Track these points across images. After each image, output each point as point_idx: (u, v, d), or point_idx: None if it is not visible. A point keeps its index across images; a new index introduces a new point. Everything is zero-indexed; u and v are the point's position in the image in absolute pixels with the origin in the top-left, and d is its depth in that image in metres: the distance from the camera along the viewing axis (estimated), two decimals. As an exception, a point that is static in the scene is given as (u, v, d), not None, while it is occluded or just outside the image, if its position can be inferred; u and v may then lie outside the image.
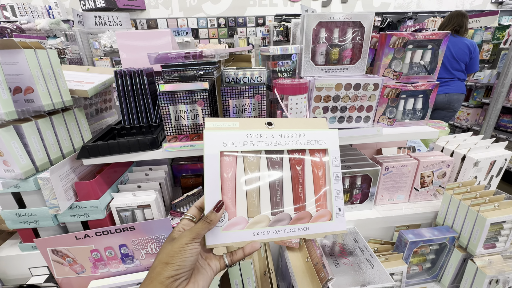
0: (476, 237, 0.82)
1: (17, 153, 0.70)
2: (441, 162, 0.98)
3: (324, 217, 0.49)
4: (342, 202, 0.50)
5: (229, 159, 0.47)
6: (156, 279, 0.36)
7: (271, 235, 0.45)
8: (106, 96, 1.19)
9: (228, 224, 0.45)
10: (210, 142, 0.46)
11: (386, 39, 0.85)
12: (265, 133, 0.49)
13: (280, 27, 3.60)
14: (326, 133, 0.51)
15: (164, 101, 0.73)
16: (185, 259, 0.37)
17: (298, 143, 0.50)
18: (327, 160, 0.51)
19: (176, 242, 0.38)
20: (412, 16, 6.08)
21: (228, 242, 0.44)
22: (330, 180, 0.50)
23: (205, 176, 0.44)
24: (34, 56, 0.71)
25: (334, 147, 0.51)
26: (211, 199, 0.44)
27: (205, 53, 0.72)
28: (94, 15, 2.84)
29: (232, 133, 0.47)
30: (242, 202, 0.47)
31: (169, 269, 0.36)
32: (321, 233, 0.48)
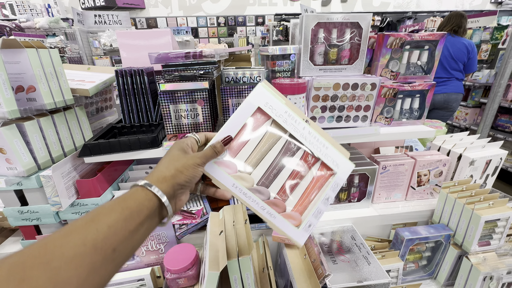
0: (471, 234, 0.84)
1: (20, 151, 0.71)
2: (437, 161, 0.99)
3: (294, 221, 0.49)
4: (316, 222, 0.50)
5: (259, 117, 0.50)
6: (170, 181, 0.39)
7: (244, 197, 0.48)
8: (107, 95, 1.20)
9: (222, 162, 0.48)
10: (257, 94, 0.49)
11: (384, 40, 0.86)
12: (299, 122, 0.51)
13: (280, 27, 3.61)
14: (344, 160, 0.53)
15: (165, 100, 0.74)
16: (194, 176, 0.42)
17: (318, 150, 0.52)
18: (329, 181, 0.52)
19: (191, 158, 0.42)
20: (412, 16, 6.09)
21: (211, 174, 0.47)
22: (319, 198, 0.51)
23: (232, 116, 0.48)
24: (36, 56, 0.72)
25: (342, 176, 0.52)
26: (226, 132, 0.48)
27: (205, 53, 0.73)
28: (94, 14, 2.84)
29: (277, 102, 0.50)
30: (245, 154, 0.49)
31: (182, 178, 0.40)
32: (282, 230, 0.48)
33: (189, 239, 0.88)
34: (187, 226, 0.86)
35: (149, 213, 0.36)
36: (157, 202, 0.38)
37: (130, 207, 0.35)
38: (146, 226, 0.36)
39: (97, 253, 0.29)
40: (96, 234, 0.30)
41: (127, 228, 0.33)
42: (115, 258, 0.31)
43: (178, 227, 0.86)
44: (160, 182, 0.39)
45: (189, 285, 0.74)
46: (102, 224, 0.31)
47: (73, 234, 0.29)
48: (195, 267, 0.75)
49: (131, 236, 0.33)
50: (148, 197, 0.37)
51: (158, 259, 0.86)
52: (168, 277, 0.72)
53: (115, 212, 0.33)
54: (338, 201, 1.01)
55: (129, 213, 0.34)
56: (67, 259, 0.27)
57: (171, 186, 0.39)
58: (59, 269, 0.26)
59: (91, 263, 0.28)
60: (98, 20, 2.89)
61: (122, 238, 0.32)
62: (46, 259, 0.26)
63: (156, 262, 0.87)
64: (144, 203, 0.36)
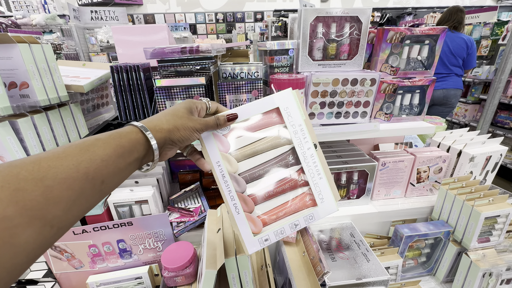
0: (470, 231, 0.83)
1: (13, 148, 0.69)
2: (437, 157, 0.98)
3: (254, 227, 0.48)
4: (273, 239, 0.48)
5: (274, 117, 0.51)
6: (165, 134, 0.40)
7: (221, 179, 0.48)
8: (103, 92, 1.18)
9: (219, 136, 0.49)
10: (283, 96, 0.50)
11: (384, 34, 0.85)
12: (307, 141, 0.51)
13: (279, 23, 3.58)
14: (330, 199, 0.51)
15: (161, 96, 0.72)
16: (188, 139, 0.43)
17: (312, 175, 0.51)
18: (306, 210, 0.50)
19: (192, 120, 0.43)
20: (412, 12, 6.05)
21: (204, 141, 0.48)
22: (289, 220, 0.49)
23: (251, 103, 0.50)
24: (29, 51, 0.71)
25: (321, 212, 0.50)
26: (236, 112, 0.49)
27: (201, 48, 0.71)
28: (90, 10, 2.81)
29: (296, 112, 0.51)
30: (243, 142, 0.50)
31: (177, 136, 0.42)
32: (238, 229, 0.48)
33: (187, 237, 0.87)
34: (185, 224, 0.86)
35: (138, 156, 0.38)
36: (147, 148, 0.39)
37: (124, 146, 0.36)
38: (132, 166, 0.38)
39: (87, 181, 0.31)
40: (89, 164, 0.31)
41: (117, 165, 0.35)
42: (102, 189, 0.33)
43: (176, 225, 0.86)
44: (156, 131, 0.40)
45: (186, 283, 0.74)
46: (96, 156, 0.32)
47: (68, 158, 0.30)
48: (192, 265, 0.74)
49: (119, 172, 0.35)
50: (141, 141, 0.38)
51: (156, 257, 0.86)
52: (165, 275, 0.72)
53: (110, 148, 0.34)
54: (337, 198, 1.00)
55: (122, 152, 0.35)
56: (60, 180, 0.28)
57: (164, 138, 0.40)
58: (51, 188, 0.27)
59: (81, 188, 0.30)
60: (95, 16, 2.85)
61: (111, 173, 0.34)
62: (40, 175, 0.27)
63: (154, 260, 0.86)
64: (137, 146, 0.37)
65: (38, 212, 0.26)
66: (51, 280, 0.83)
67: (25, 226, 0.25)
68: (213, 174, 0.48)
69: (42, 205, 0.26)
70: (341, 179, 0.96)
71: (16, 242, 0.24)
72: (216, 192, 1.07)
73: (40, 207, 0.26)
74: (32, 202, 0.25)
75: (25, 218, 0.25)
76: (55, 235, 0.28)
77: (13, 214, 0.24)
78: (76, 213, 0.30)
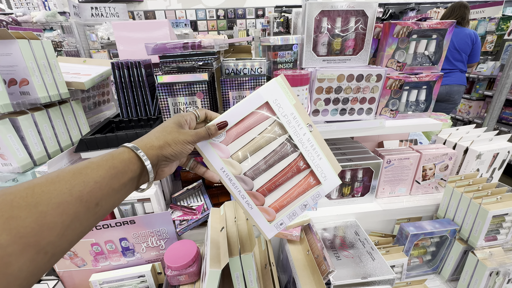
0: (477, 229, 0.82)
1: (14, 146, 0.69)
2: (443, 154, 0.97)
3: (268, 216, 0.52)
4: (288, 223, 0.53)
5: (265, 111, 0.51)
6: (156, 151, 0.40)
7: (229, 182, 0.50)
8: (104, 89, 1.17)
9: (216, 144, 0.50)
10: (269, 89, 0.50)
11: (390, 29, 0.83)
12: (302, 127, 0.52)
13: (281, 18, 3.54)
14: (332, 174, 0.54)
15: (163, 93, 0.71)
16: (181, 152, 0.43)
17: (311, 158, 0.53)
18: (312, 190, 0.54)
19: (182, 134, 0.43)
20: (415, 7, 5.96)
21: (204, 153, 0.49)
22: (298, 202, 0.53)
23: (238, 103, 0.50)
24: (29, 47, 0.69)
25: (326, 187, 0.54)
26: (225, 118, 0.49)
27: (204, 44, 0.70)
28: (91, 7, 2.78)
29: (286, 101, 0.51)
30: (240, 143, 0.51)
31: (169, 151, 0.42)
32: (255, 221, 0.52)
33: (190, 235, 0.87)
34: (188, 222, 0.85)
35: (132, 176, 0.38)
36: (141, 167, 0.39)
37: (117, 167, 0.36)
38: (128, 187, 0.38)
39: (81, 204, 0.30)
40: (82, 187, 0.31)
41: (111, 186, 0.34)
42: (97, 212, 0.33)
43: (179, 223, 0.85)
44: (147, 149, 0.40)
45: (190, 282, 0.73)
46: (89, 178, 0.32)
47: (61, 183, 0.30)
48: (196, 263, 0.73)
49: (114, 193, 0.35)
50: (133, 160, 0.38)
51: (159, 255, 0.85)
52: (168, 274, 0.71)
53: (103, 169, 0.34)
54: (342, 196, 0.99)
55: (115, 173, 0.35)
56: (53, 205, 0.28)
57: (156, 155, 0.40)
58: (45, 213, 0.27)
59: (75, 212, 0.30)
60: (95, 12, 2.83)
61: (105, 195, 0.34)
62: (33, 201, 0.27)
63: (157, 258, 0.86)
64: (129, 165, 0.37)
65: (32, 238, 0.25)
66: (54, 278, 0.83)
67: (19, 254, 0.24)
68: (221, 180, 0.50)
69: (36, 231, 0.26)
70: (345, 177, 0.95)
71: (9, 272, 0.24)
72: (219, 190, 1.06)
73: (33, 233, 0.26)
74: (26, 229, 0.25)
75: (19, 246, 0.24)
76: (48, 262, 0.28)
77: (6, 243, 0.24)
78: (70, 238, 0.30)
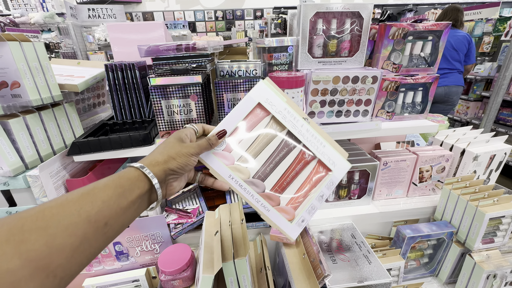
0: (474, 232, 0.81)
1: (5, 150, 0.68)
2: (440, 156, 0.96)
3: (287, 215, 0.50)
4: (309, 218, 0.51)
5: (259, 113, 0.51)
6: (162, 166, 0.41)
7: (239, 188, 0.49)
8: (99, 91, 1.16)
9: (219, 153, 0.49)
10: (258, 90, 0.50)
11: (386, 30, 0.83)
12: (298, 119, 0.52)
13: (278, 20, 3.54)
14: (341, 160, 0.53)
15: (156, 96, 0.70)
16: (187, 164, 0.44)
17: (315, 147, 0.52)
18: (325, 179, 0.52)
19: (185, 147, 0.44)
20: (413, 8, 5.98)
21: (210, 165, 0.48)
22: (314, 195, 0.52)
23: (232, 110, 0.50)
24: (20, 49, 0.68)
25: (337, 174, 0.53)
26: (222, 126, 0.49)
27: (197, 46, 0.69)
28: (88, 8, 2.77)
29: (277, 99, 0.51)
30: (243, 147, 0.50)
31: (174, 164, 0.42)
32: (275, 224, 0.50)
33: (185, 239, 0.86)
34: (183, 225, 0.84)
35: (140, 193, 0.38)
36: (148, 184, 0.39)
37: (123, 185, 0.36)
38: (137, 205, 0.38)
39: (90, 225, 0.31)
40: (90, 207, 0.31)
41: (119, 205, 0.35)
42: (106, 232, 0.33)
43: (174, 227, 0.84)
44: (153, 166, 0.40)
45: (184, 287, 0.72)
46: (97, 198, 0.33)
47: (69, 205, 0.30)
48: (190, 268, 0.72)
49: (123, 212, 0.35)
50: (140, 177, 0.39)
51: (153, 259, 0.84)
52: (162, 279, 0.70)
53: (110, 189, 0.35)
54: (338, 198, 0.98)
55: (122, 191, 0.35)
56: (62, 227, 0.28)
57: (163, 170, 0.41)
58: (55, 236, 0.27)
59: (84, 233, 0.30)
60: (92, 14, 2.82)
61: (114, 214, 0.34)
62: (43, 224, 0.27)
63: (151, 262, 0.85)
64: (136, 183, 0.38)
65: (42, 262, 0.26)
66: (46, 283, 0.82)
67: (29, 278, 0.24)
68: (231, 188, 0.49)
69: (46, 254, 0.26)
70: (342, 179, 0.94)
71: None
72: (215, 193, 1.05)
73: (43, 256, 0.26)
74: (35, 252, 0.25)
75: (29, 269, 0.25)
76: (58, 285, 0.27)
77: (16, 267, 0.24)
78: (79, 260, 0.30)
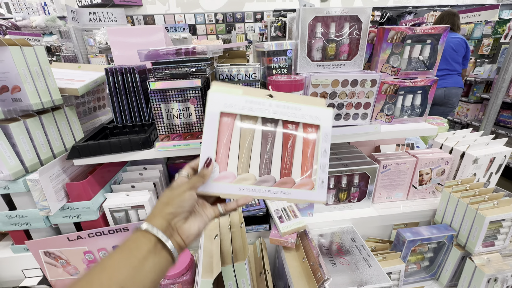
0: (474, 235, 0.81)
1: (5, 153, 0.68)
2: (440, 159, 0.96)
3: (307, 186, 0.51)
4: (326, 175, 0.52)
5: (227, 120, 0.50)
6: (159, 214, 0.41)
7: (255, 193, 0.49)
8: (99, 94, 1.17)
9: (219, 177, 0.49)
10: (213, 101, 0.49)
11: (384, 34, 0.83)
12: (264, 102, 0.51)
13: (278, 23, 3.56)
14: (321, 110, 0.53)
15: (156, 100, 0.71)
16: (183, 201, 0.42)
17: (293, 115, 0.52)
18: (318, 135, 0.52)
19: (175, 190, 0.44)
20: (412, 11, 6.01)
21: (216, 192, 0.48)
22: (317, 154, 0.52)
23: (204, 132, 0.48)
24: (21, 54, 0.69)
25: (326, 124, 0.53)
26: (206, 154, 0.48)
27: (197, 50, 0.70)
28: (89, 11, 2.79)
29: (234, 97, 0.50)
30: (234, 159, 0.50)
31: (170, 207, 0.41)
32: (302, 199, 0.50)
33: (184, 242, 0.85)
34: (182, 229, 0.84)
35: (148, 248, 0.38)
36: (153, 237, 0.39)
37: (128, 246, 0.37)
38: (151, 261, 0.37)
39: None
40: (100, 273, 0.33)
41: (130, 265, 0.35)
42: None
43: (173, 230, 0.84)
44: (150, 219, 0.41)
45: (183, 291, 0.72)
46: (105, 265, 0.34)
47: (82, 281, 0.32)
48: (189, 272, 0.72)
49: (136, 272, 0.35)
50: (142, 234, 0.39)
51: (153, 263, 0.84)
52: (162, 283, 0.70)
53: (115, 253, 0.36)
54: (338, 201, 0.98)
55: (129, 251, 0.36)
56: None
57: (161, 217, 0.41)
58: None
59: None
60: (93, 17, 2.84)
61: (127, 275, 0.34)
62: None
63: (151, 266, 0.84)
64: (140, 239, 0.38)
65: None
66: (46, 287, 0.82)
67: None
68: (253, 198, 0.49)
69: None
70: (341, 182, 0.94)
71: None
72: (215, 196, 1.05)
73: None
74: None
75: None
76: None
77: None
78: None
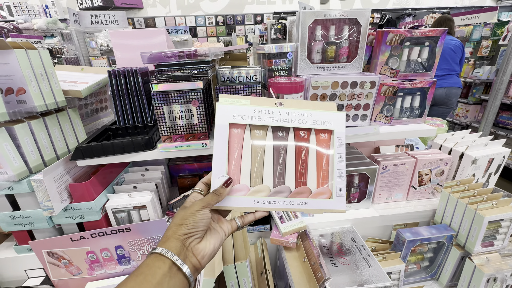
0: (474, 235, 0.82)
1: (10, 154, 0.69)
2: (439, 160, 0.97)
3: (324, 195, 0.49)
4: (343, 182, 0.50)
5: (237, 131, 0.50)
6: (172, 236, 0.40)
7: (270, 205, 0.48)
8: (102, 96, 1.18)
9: (232, 190, 0.48)
10: (221, 114, 0.49)
11: (383, 36, 0.84)
12: (273, 110, 0.51)
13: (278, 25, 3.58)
14: (333, 114, 0.52)
15: (158, 101, 0.72)
16: (197, 221, 0.41)
17: (304, 122, 0.51)
18: (332, 141, 0.52)
19: (188, 209, 0.42)
20: (411, 13, 6.05)
21: (230, 206, 0.47)
22: (333, 161, 0.51)
23: (214, 146, 0.48)
24: (26, 57, 0.70)
25: (339, 129, 0.52)
26: (217, 168, 0.47)
27: (199, 52, 0.71)
28: (90, 14, 2.82)
29: (242, 108, 0.50)
30: (246, 171, 0.49)
31: (183, 228, 0.40)
32: (320, 209, 0.49)
33: (186, 243, 0.86)
34: (184, 229, 0.84)
35: (163, 272, 0.37)
36: (168, 260, 0.38)
37: (143, 272, 0.37)
38: (166, 285, 0.37)
39: None
40: None
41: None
42: None
43: (175, 231, 0.85)
44: (163, 242, 0.40)
45: (185, 290, 0.73)
46: None
47: None
48: (191, 271, 0.73)
49: None
50: (156, 258, 0.38)
51: (155, 263, 0.85)
52: (164, 282, 0.71)
53: (130, 281, 0.36)
54: (338, 202, 0.99)
55: (143, 277, 0.36)
56: None
57: (175, 239, 0.40)
58: None
59: None
60: (95, 20, 2.86)
61: None
62: None
63: (153, 266, 0.85)
64: (154, 263, 0.38)
65: None
66: (49, 287, 0.82)
67: None
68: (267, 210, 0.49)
69: None
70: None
71: None
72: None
73: None
74: None
75: None
76: None
77: None
78: None
